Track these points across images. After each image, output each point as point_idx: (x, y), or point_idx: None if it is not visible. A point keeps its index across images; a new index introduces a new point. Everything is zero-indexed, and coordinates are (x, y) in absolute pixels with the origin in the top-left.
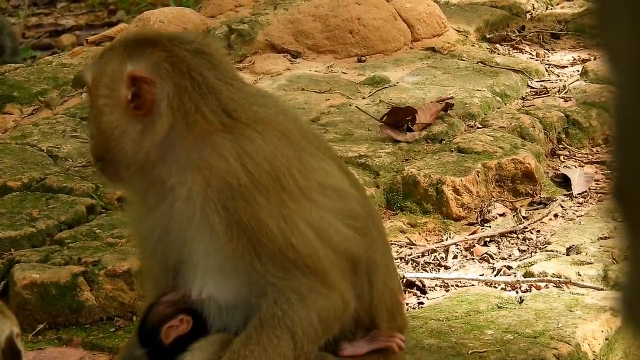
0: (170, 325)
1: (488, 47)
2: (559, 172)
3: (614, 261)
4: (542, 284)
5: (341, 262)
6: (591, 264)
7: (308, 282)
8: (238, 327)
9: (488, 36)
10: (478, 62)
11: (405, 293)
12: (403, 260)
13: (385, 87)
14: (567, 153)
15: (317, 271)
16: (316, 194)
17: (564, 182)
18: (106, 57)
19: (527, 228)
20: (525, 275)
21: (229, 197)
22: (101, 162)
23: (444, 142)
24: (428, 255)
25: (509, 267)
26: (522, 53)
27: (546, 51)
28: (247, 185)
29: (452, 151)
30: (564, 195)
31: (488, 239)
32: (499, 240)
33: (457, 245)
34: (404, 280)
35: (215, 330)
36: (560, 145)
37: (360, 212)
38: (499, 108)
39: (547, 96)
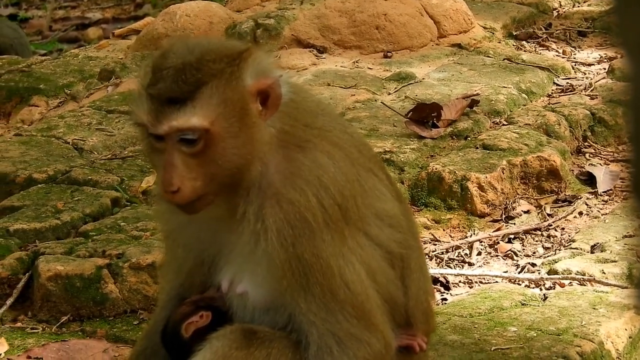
0: (190, 322)
1: (514, 44)
2: (584, 169)
3: (638, 259)
4: (566, 282)
5: (384, 304)
6: (615, 262)
7: (350, 327)
8: (268, 325)
9: (514, 33)
10: (504, 59)
11: None
12: (427, 256)
13: (411, 83)
14: (593, 151)
15: (362, 313)
16: (372, 223)
17: (589, 180)
18: (207, 96)
19: (551, 225)
20: (549, 272)
21: (301, 234)
22: (210, 196)
23: (469, 138)
24: (452, 251)
25: (533, 264)
26: (549, 50)
27: (573, 49)
28: (320, 222)
29: (477, 148)
30: (589, 193)
31: (512, 236)
32: (523, 237)
33: (481, 241)
34: None
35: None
36: (586, 143)
37: (402, 236)
38: (524, 105)
39: (573, 94)
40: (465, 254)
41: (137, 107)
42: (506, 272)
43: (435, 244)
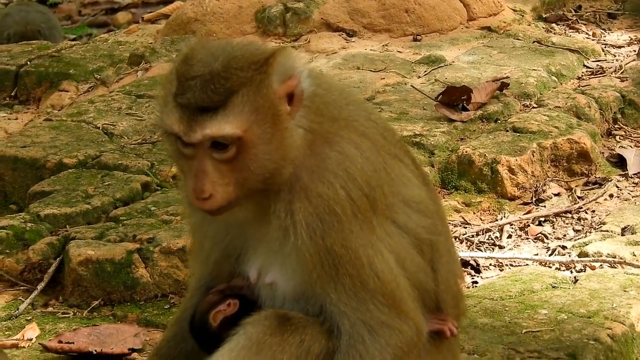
0: (218, 310)
1: (544, 26)
2: (614, 152)
3: None
4: (597, 264)
5: (414, 290)
6: None
7: (381, 315)
8: (298, 311)
9: (544, 16)
10: (534, 42)
11: None
12: (457, 239)
13: (441, 66)
14: (623, 133)
15: (393, 300)
16: (399, 211)
17: (620, 162)
18: (238, 104)
19: (582, 208)
20: (580, 255)
21: (330, 227)
22: (240, 200)
23: (499, 121)
24: (482, 234)
25: (564, 247)
26: (579, 33)
27: (602, 31)
28: (348, 214)
29: (507, 131)
30: (619, 175)
31: (543, 219)
32: (554, 220)
33: (511, 224)
34: (459, 259)
35: None
36: (616, 125)
37: (431, 221)
38: (554, 88)
39: (603, 76)
40: (496, 237)
41: (166, 115)
42: (537, 254)
43: (465, 227)
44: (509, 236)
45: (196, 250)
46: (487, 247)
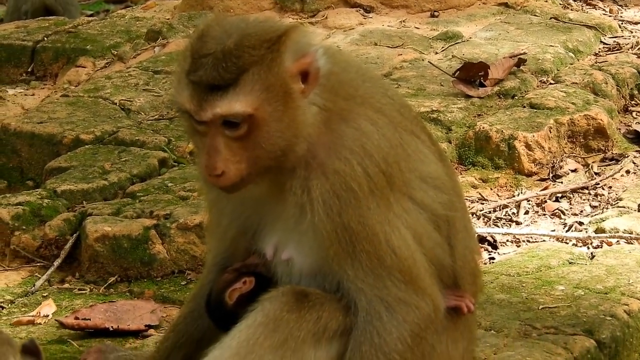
0: (234, 288)
1: (561, 2)
2: (631, 128)
3: None
4: (614, 240)
5: (431, 267)
6: None
7: (398, 292)
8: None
9: None
10: (551, 18)
11: None
12: (475, 215)
13: (458, 43)
14: None
15: (410, 277)
16: (416, 187)
17: (637, 138)
18: (249, 82)
19: (598, 184)
20: (597, 231)
21: (347, 203)
22: (253, 176)
23: (516, 97)
24: (499, 210)
25: (580, 223)
26: (596, 9)
27: (619, 7)
28: (365, 190)
29: (524, 107)
30: (636, 151)
31: (560, 195)
32: (571, 196)
33: (528, 200)
34: (476, 235)
35: None
36: (633, 102)
37: (447, 197)
38: (571, 64)
39: (620, 52)
40: (513, 213)
41: (179, 92)
42: (554, 231)
43: (482, 203)
44: (526, 212)
45: (213, 226)
46: (504, 223)
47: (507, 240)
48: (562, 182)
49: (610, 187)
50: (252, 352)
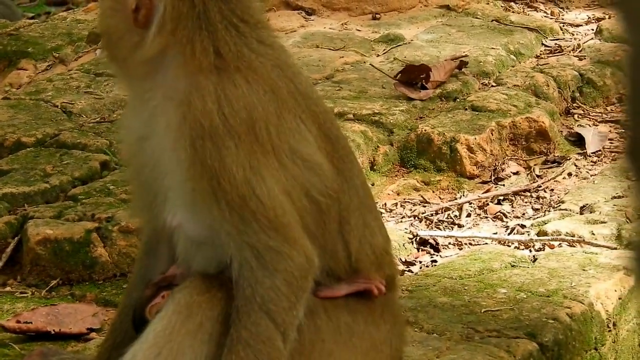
0: (153, 304)
1: (502, 5)
2: (573, 130)
3: (627, 220)
4: (556, 243)
5: (303, 220)
6: (605, 223)
7: (268, 240)
8: (207, 265)
9: None
10: (492, 20)
11: (418, 251)
12: (417, 218)
13: (400, 45)
14: (581, 112)
15: (278, 225)
16: (285, 158)
17: (578, 140)
18: None
19: (540, 187)
20: (539, 234)
21: (199, 136)
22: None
23: (458, 100)
24: (441, 213)
25: (523, 226)
26: (537, 11)
27: (561, 9)
28: (218, 128)
29: (466, 109)
30: (577, 154)
31: (502, 198)
32: (513, 198)
33: (470, 203)
34: (417, 238)
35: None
36: (575, 104)
37: (327, 187)
38: (513, 66)
39: (561, 55)
40: (455, 216)
41: None
42: (496, 233)
43: (424, 206)
44: (468, 215)
45: (134, 199)
46: (446, 226)
47: (450, 243)
48: (504, 185)
49: (552, 190)
50: (170, 340)
